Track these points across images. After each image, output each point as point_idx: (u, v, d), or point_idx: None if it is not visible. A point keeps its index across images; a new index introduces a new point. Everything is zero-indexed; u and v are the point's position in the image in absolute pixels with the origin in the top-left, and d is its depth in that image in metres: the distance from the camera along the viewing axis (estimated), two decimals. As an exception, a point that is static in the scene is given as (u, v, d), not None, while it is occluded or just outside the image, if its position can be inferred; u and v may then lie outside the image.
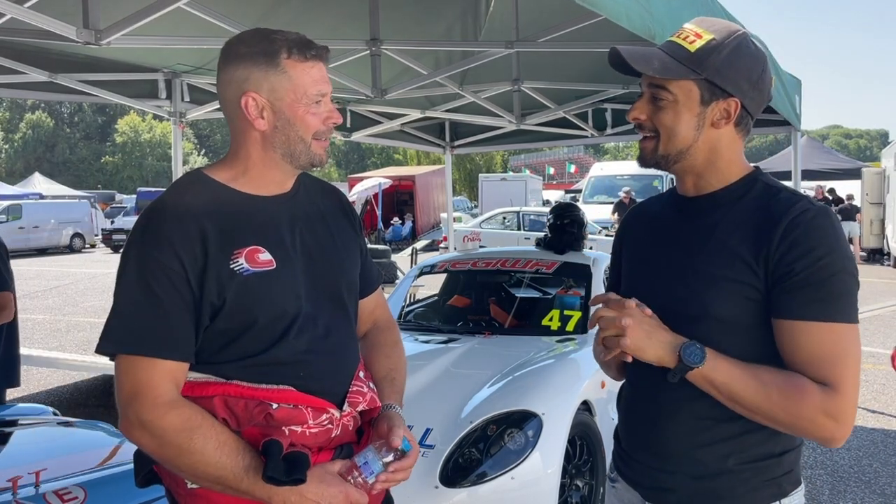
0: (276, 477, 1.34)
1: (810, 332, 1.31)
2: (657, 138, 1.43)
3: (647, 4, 2.36)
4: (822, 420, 1.29)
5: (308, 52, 1.48)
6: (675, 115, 1.40)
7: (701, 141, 1.41)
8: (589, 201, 19.59)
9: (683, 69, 1.37)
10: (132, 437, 1.39)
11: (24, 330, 9.56)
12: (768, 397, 1.30)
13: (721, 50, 1.37)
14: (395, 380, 1.72)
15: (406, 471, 1.51)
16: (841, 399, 1.29)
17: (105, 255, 22.68)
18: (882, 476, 4.47)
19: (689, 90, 1.38)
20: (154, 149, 57.95)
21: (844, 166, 20.21)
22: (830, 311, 1.30)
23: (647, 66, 1.37)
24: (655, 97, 1.41)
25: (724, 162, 1.44)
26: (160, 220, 1.43)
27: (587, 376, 3.50)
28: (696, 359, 1.32)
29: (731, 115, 1.40)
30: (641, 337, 1.35)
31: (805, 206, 1.35)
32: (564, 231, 4.83)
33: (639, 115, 1.44)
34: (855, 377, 1.31)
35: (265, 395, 1.44)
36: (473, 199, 31.99)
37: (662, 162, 1.45)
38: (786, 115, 4.64)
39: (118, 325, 1.40)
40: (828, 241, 1.31)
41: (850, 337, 1.32)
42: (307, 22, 4.22)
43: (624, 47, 1.40)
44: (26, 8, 2.90)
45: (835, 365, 1.30)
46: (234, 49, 1.49)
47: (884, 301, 11.38)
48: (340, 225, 1.67)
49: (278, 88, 1.46)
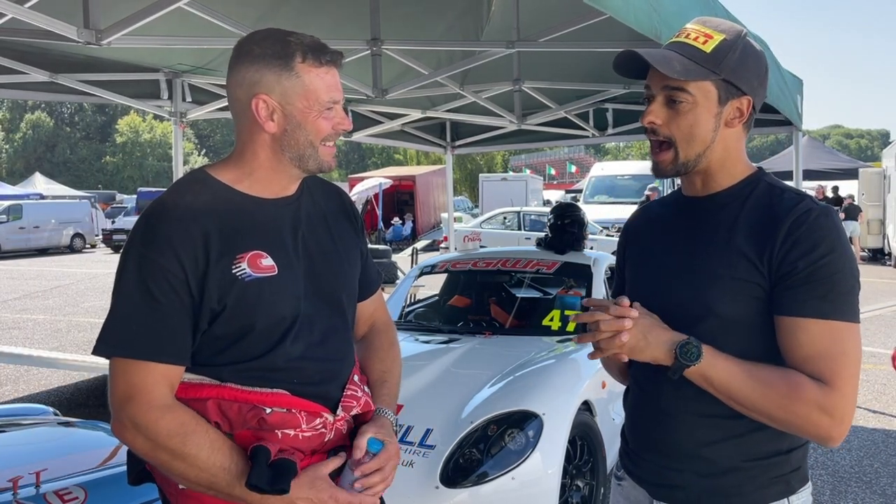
0: (259, 485, 1.34)
1: (810, 329, 1.31)
2: (674, 147, 1.41)
3: (655, 4, 2.36)
4: (817, 417, 1.29)
5: (323, 57, 1.46)
6: (695, 117, 1.39)
7: (717, 141, 1.41)
8: (589, 201, 19.59)
9: (703, 70, 1.37)
10: (125, 439, 1.39)
11: (24, 330, 9.61)
12: (765, 395, 1.31)
13: (735, 49, 1.38)
14: (388, 382, 1.70)
15: (383, 471, 1.48)
16: (838, 396, 1.29)
17: (105, 256, 22.68)
18: (883, 476, 4.47)
19: (708, 91, 1.39)
20: (154, 149, 57.94)
21: (845, 166, 20.22)
22: (830, 309, 1.31)
23: (670, 68, 1.36)
24: (673, 99, 1.39)
25: (733, 161, 1.45)
26: (161, 221, 1.41)
27: (588, 376, 3.50)
28: (693, 357, 1.33)
29: (743, 113, 1.42)
30: (637, 338, 1.35)
31: (808, 205, 1.36)
32: (565, 231, 4.83)
33: (654, 119, 1.42)
34: (853, 376, 1.32)
35: (259, 398, 1.43)
36: (474, 199, 31.99)
37: (683, 169, 1.43)
38: (788, 114, 4.64)
39: (116, 327, 1.39)
40: (830, 241, 1.32)
41: (849, 335, 1.32)
42: (308, 22, 4.22)
43: (644, 49, 1.40)
44: (27, 8, 2.90)
45: (833, 362, 1.30)
46: (247, 49, 1.46)
47: (884, 301, 11.37)
48: (342, 227, 1.65)
49: (291, 93, 1.44)
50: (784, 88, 4.40)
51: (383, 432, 1.53)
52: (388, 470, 1.50)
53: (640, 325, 1.36)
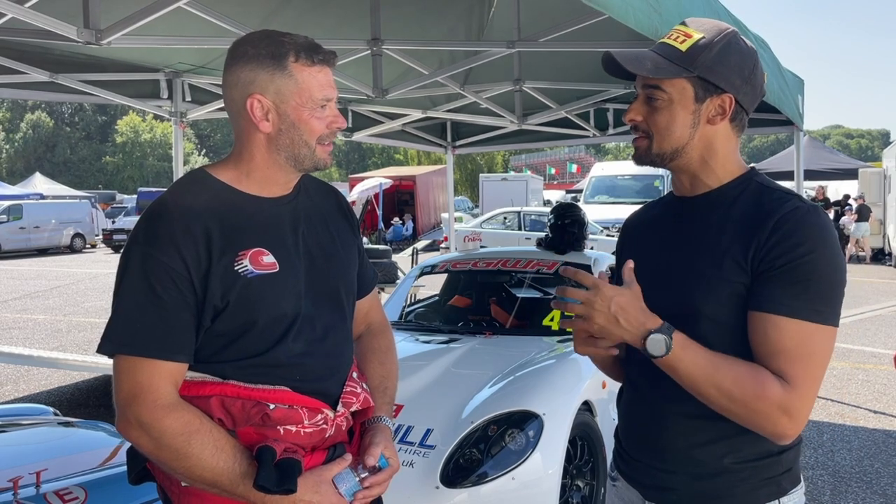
0: (267, 486, 1.35)
1: (780, 326, 1.31)
2: (650, 138, 1.45)
3: (656, 4, 2.36)
4: (777, 416, 1.30)
5: (315, 56, 1.48)
6: (671, 114, 1.41)
7: (696, 139, 1.43)
8: (590, 201, 19.58)
9: (675, 68, 1.39)
10: (130, 437, 1.40)
11: (24, 330, 9.61)
12: (726, 390, 1.30)
13: (711, 47, 1.39)
14: (388, 389, 1.73)
15: (382, 484, 1.54)
16: (797, 397, 1.29)
17: (106, 256, 22.69)
18: (883, 476, 4.46)
19: (683, 88, 1.40)
20: (154, 149, 58.00)
21: (845, 166, 20.21)
22: (803, 308, 1.30)
23: (640, 66, 1.39)
24: (650, 97, 1.43)
25: (720, 159, 1.45)
26: (163, 219, 1.42)
27: (588, 376, 3.50)
28: (657, 351, 1.31)
29: (726, 110, 1.42)
30: (609, 320, 1.32)
31: (796, 203, 1.36)
32: (565, 231, 4.83)
33: (635, 116, 1.45)
34: (816, 378, 1.31)
35: (262, 395, 1.44)
36: (474, 199, 31.99)
37: (657, 160, 1.46)
38: (789, 114, 4.64)
39: (120, 325, 1.40)
40: (813, 240, 1.31)
41: (820, 337, 1.31)
42: (308, 22, 4.22)
43: (616, 50, 1.42)
44: (27, 8, 2.90)
45: (797, 363, 1.30)
46: (241, 50, 1.48)
47: (884, 301, 11.37)
48: (340, 226, 1.67)
49: (284, 92, 1.46)
50: (785, 88, 4.39)
51: (390, 448, 1.57)
52: (386, 483, 1.56)
53: (616, 305, 1.32)
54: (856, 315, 9.97)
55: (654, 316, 1.34)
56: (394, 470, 1.56)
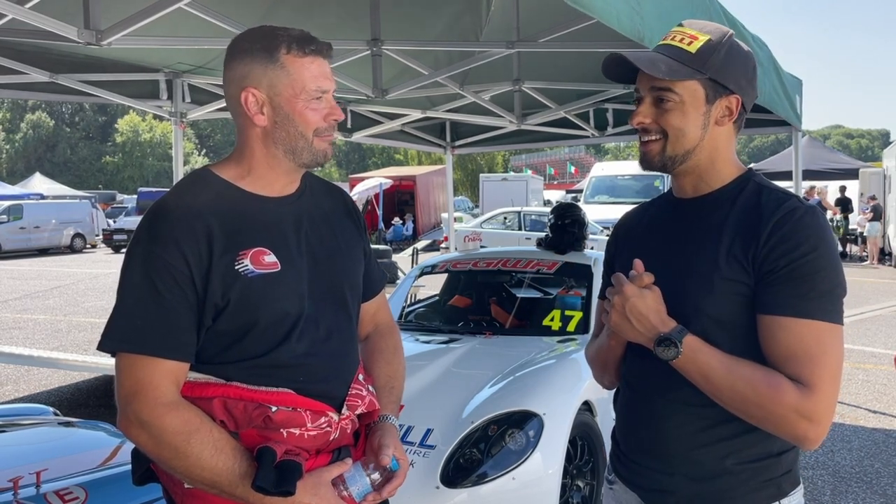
0: (265, 487, 1.34)
1: (790, 328, 1.31)
2: (664, 140, 1.44)
3: (637, 7, 2.35)
4: (795, 420, 1.29)
5: (307, 47, 1.48)
6: (683, 116, 1.42)
7: (706, 140, 1.43)
8: (590, 201, 19.59)
9: (689, 70, 1.40)
10: (130, 435, 1.40)
11: (24, 330, 9.61)
12: (742, 394, 1.31)
13: (720, 49, 1.41)
14: (394, 388, 1.72)
15: (393, 489, 1.54)
16: (817, 399, 1.29)
17: (106, 256, 22.68)
18: (884, 476, 4.46)
19: (695, 90, 1.41)
20: (155, 149, 57.96)
21: (845, 166, 20.20)
22: (811, 307, 1.31)
23: (656, 69, 1.39)
24: (661, 99, 1.42)
25: (723, 161, 1.46)
26: (166, 218, 1.42)
27: (588, 376, 3.48)
28: (668, 355, 1.35)
29: (733, 111, 1.44)
30: (624, 318, 1.40)
31: (794, 204, 1.37)
32: (565, 231, 4.83)
33: (643, 119, 1.45)
34: (834, 377, 1.31)
35: (264, 397, 1.43)
36: (474, 199, 31.98)
37: (668, 163, 1.45)
38: (784, 115, 4.63)
39: (121, 322, 1.40)
40: (813, 239, 1.32)
41: (830, 336, 1.31)
42: (308, 22, 4.22)
43: (629, 51, 1.43)
44: (27, 8, 2.90)
45: (813, 364, 1.29)
46: (237, 46, 1.50)
47: (885, 301, 11.37)
48: (345, 226, 1.66)
49: (277, 83, 1.46)
50: (778, 89, 4.38)
51: (399, 448, 1.56)
52: (397, 487, 1.56)
53: (630, 306, 1.39)
54: (856, 315, 9.96)
55: (669, 319, 1.37)
56: (405, 471, 1.56)
